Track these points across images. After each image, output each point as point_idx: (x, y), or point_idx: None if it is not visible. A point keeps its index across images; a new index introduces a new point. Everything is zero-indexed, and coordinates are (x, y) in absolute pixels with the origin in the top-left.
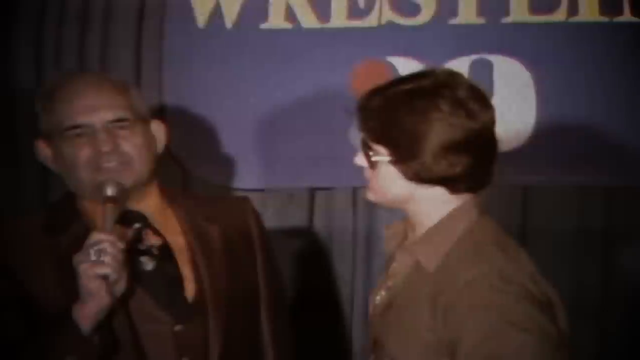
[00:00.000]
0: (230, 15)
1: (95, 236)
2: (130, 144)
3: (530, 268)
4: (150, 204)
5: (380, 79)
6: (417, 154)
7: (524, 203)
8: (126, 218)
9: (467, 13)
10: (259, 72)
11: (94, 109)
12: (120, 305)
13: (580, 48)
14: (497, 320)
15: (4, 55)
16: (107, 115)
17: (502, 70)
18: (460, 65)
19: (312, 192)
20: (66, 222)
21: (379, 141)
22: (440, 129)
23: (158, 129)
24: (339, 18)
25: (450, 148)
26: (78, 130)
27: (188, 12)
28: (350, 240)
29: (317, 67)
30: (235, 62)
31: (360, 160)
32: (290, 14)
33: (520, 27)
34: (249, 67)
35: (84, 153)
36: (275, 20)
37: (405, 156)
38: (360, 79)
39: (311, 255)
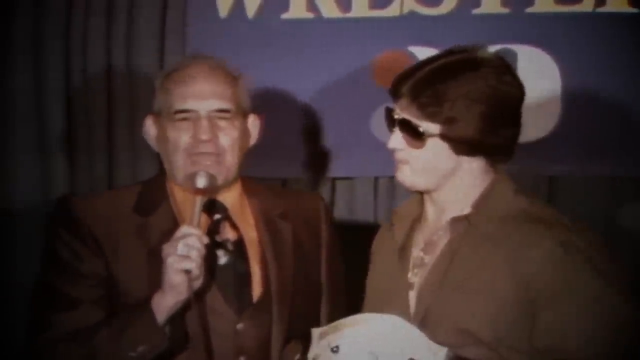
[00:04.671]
0: (251, 5)
1: (185, 230)
2: (227, 137)
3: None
4: (231, 195)
5: (402, 69)
6: (471, 125)
7: (550, 193)
8: (209, 207)
9: (491, 3)
10: (280, 62)
11: (202, 96)
12: (195, 300)
13: (606, 38)
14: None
15: (34, 47)
16: (213, 104)
17: (527, 61)
18: None
19: (333, 182)
20: (155, 204)
21: (430, 117)
22: (492, 99)
23: (254, 123)
24: (360, 8)
25: (502, 117)
26: (184, 115)
27: (210, 3)
28: (372, 230)
29: (338, 57)
30: (256, 52)
31: (395, 142)
32: (311, 4)
33: (545, 17)
34: (270, 58)
35: (185, 139)
36: (297, 10)
37: (459, 129)
38: (382, 69)
39: None
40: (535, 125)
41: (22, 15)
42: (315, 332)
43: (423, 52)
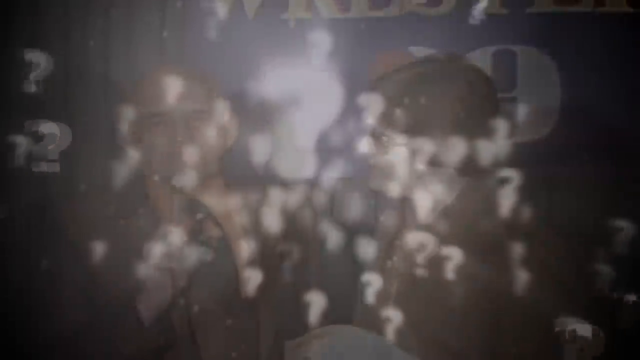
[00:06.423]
0: (251, 5)
1: (164, 229)
2: (204, 137)
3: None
4: (213, 194)
5: None
6: (433, 136)
7: (550, 194)
8: (190, 207)
9: (490, 3)
10: (279, 62)
11: (176, 98)
12: (180, 298)
13: (606, 38)
14: None
15: (32, 44)
16: (187, 105)
17: (526, 61)
18: (483, 55)
19: (333, 182)
20: (135, 207)
21: (393, 125)
22: (458, 112)
23: (231, 122)
24: (360, 8)
25: (467, 130)
26: (159, 118)
27: (209, 4)
28: (370, 231)
29: (337, 57)
30: (256, 52)
31: (364, 146)
32: (311, 4)
33: (545, 17)
34: (270, 58)
35: (161, 141)
36: (297, 10)
37: (420, 139)
38: (381, 70)
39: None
40: (534, 125)
41: (22, 15)
42: (289, 344)
43: (423, 53)
